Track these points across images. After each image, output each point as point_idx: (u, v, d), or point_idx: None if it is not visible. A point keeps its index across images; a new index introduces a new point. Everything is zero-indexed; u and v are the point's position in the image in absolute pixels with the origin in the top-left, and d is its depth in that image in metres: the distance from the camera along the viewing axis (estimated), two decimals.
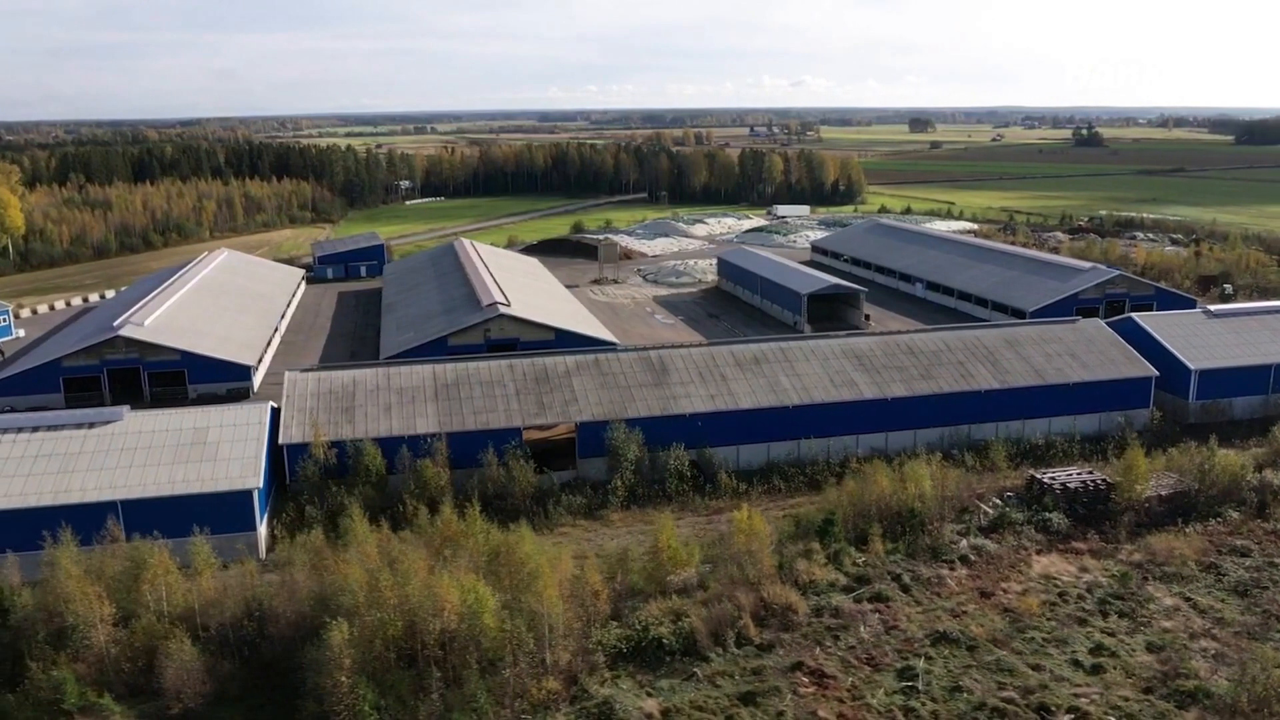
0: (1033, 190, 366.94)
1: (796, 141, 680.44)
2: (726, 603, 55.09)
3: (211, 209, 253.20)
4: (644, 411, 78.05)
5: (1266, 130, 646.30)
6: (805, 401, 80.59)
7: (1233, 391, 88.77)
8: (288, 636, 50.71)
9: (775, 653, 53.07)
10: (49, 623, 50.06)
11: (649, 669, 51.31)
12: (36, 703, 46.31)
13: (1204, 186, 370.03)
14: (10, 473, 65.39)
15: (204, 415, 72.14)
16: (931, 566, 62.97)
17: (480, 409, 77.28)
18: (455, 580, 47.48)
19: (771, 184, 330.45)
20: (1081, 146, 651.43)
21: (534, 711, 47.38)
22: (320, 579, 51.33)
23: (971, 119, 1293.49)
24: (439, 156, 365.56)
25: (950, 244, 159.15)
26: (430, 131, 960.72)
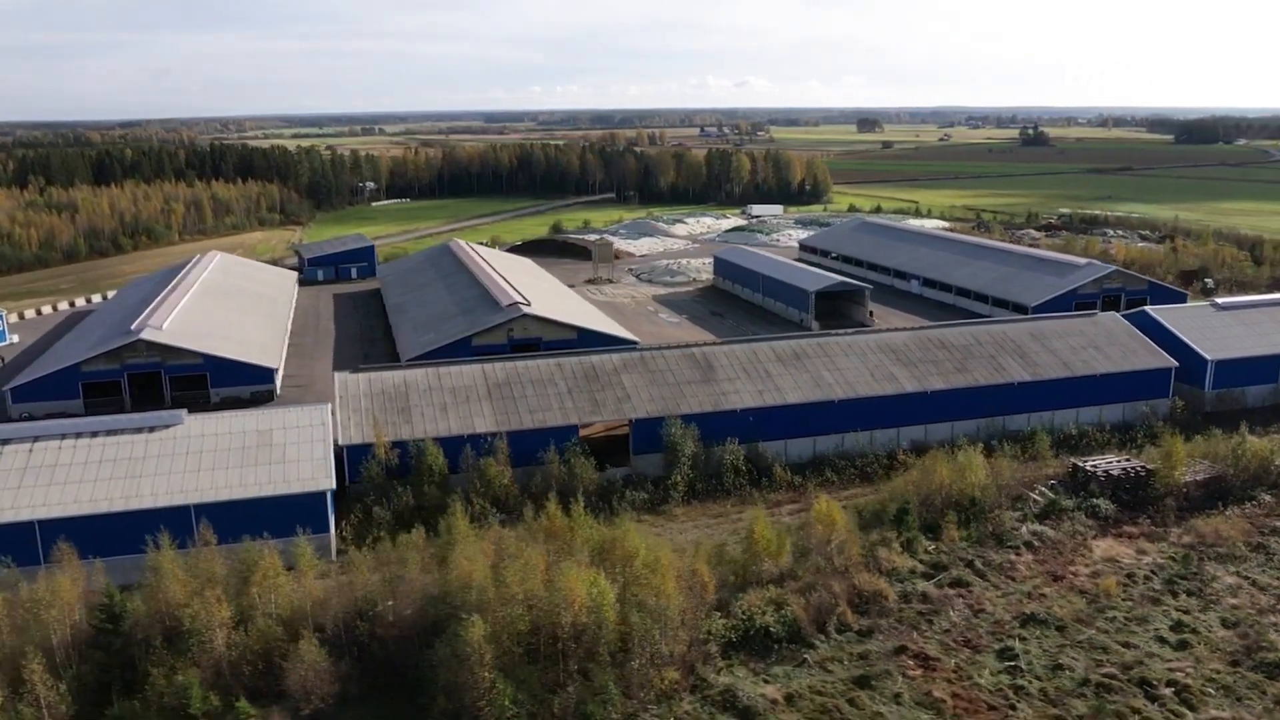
0: (990, 189, 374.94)
1: (749, 142, 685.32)
2: (823, 591, 56.47)
3: (180, 211, 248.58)
4: (696, 408, 79.15)
5: (1204, 130, 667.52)
6: (849, 396, 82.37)
7: (1245, 381, 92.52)
8: (399, 635, 50.95)
9: (875, 638, 54.63)
10: (161, 628, 49.68)
11: (759, 657, 52.52)
12: (161, 709, 45.99)
13: (1153, 184, 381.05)
14: (77, 478, 64.46)
15: (266, 417, 71.64)
16: (999, 552, 65.02)
17: (536, 408, 77.76)
18: (581, 574, 48.12)
19: (739, 184, 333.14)
20: (1029, 146, 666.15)
21: (659, 701, 48.30)
22: (430, 577, 51.55)
23: (916, 119, 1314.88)
24: (403, 158, 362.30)
25: (942, 241, 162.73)
26: (378, 133, 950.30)
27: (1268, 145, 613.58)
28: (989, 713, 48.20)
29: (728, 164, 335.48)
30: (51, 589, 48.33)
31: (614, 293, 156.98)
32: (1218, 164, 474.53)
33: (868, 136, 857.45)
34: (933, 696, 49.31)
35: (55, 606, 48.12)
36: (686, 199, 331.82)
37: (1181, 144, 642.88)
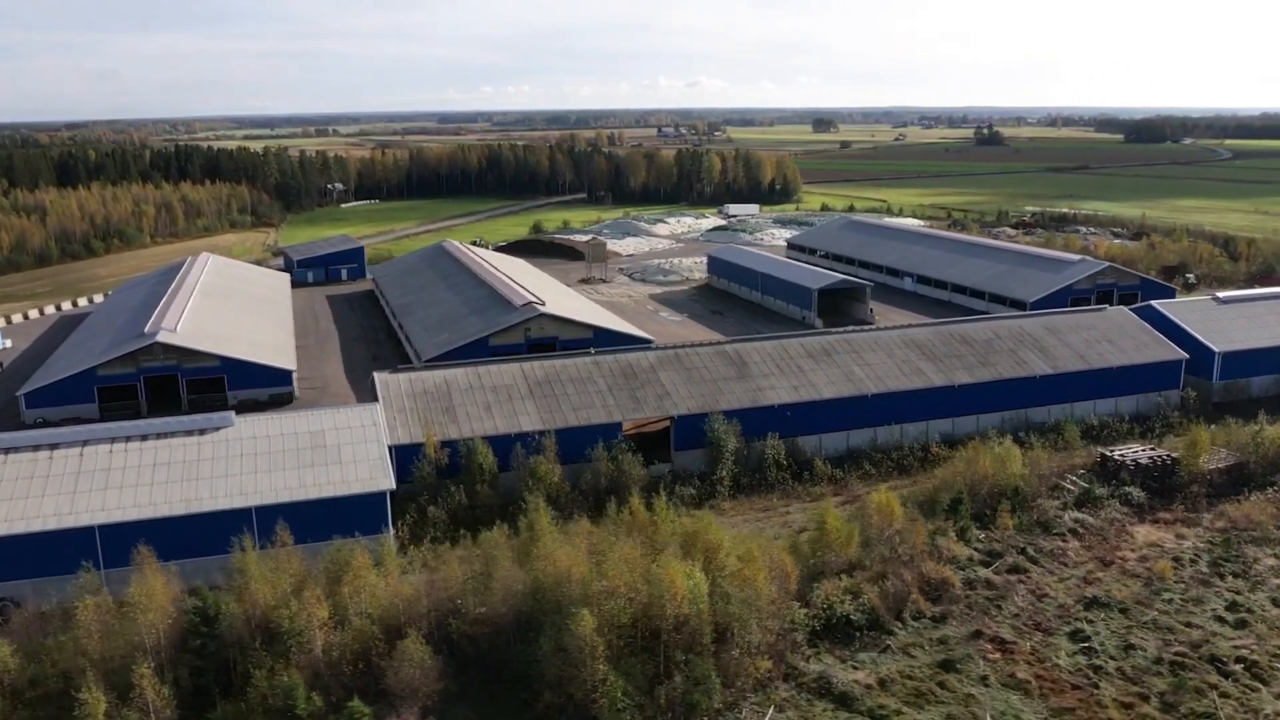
0: (953, 188, 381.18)
1: (707, 142, 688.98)
2: (894, 579, 57.86)
3: (151, 213, 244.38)
4: (735, 404, 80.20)
5: (1152, 129, 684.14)
6: (881, 390, 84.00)
7: (1250, 372, 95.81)
8: (488, 632, 51.31)
9: (950, 623, 56.11)
10: (254, 629, 49.57)
11: (842, 645, 53.74)
12: (266, 710, 45.94)
13: (1110, 183, 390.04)
14: (133, 482, 63.79)
15: (317, 418, 71.34)
16: (1047, 539, 66.93)
17: (579, 405, 78.31)
18: (678, 566, 48.92)
19: (710, 184, 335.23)
20: (984, 145, 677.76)
21: (755, 690, 49.29)
22: (517, 572, 51.96)
23: (869, 119, 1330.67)
24: (371, 159, 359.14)
25: (933, 239, 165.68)
26: (332, 133, 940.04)
27: (1213, 144, 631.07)
28: (1073, 692, 49.87)
29: (699, 164, 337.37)
30: (146, 592, 47.96)
31: (610, 292, 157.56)
32: (1169, 162, 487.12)
33: (824, 136, 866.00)
34: (1017, 678, 50.89)
35: (152, 610, 47.72)
36: (658, 199, 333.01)
37: (1131, 143, 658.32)
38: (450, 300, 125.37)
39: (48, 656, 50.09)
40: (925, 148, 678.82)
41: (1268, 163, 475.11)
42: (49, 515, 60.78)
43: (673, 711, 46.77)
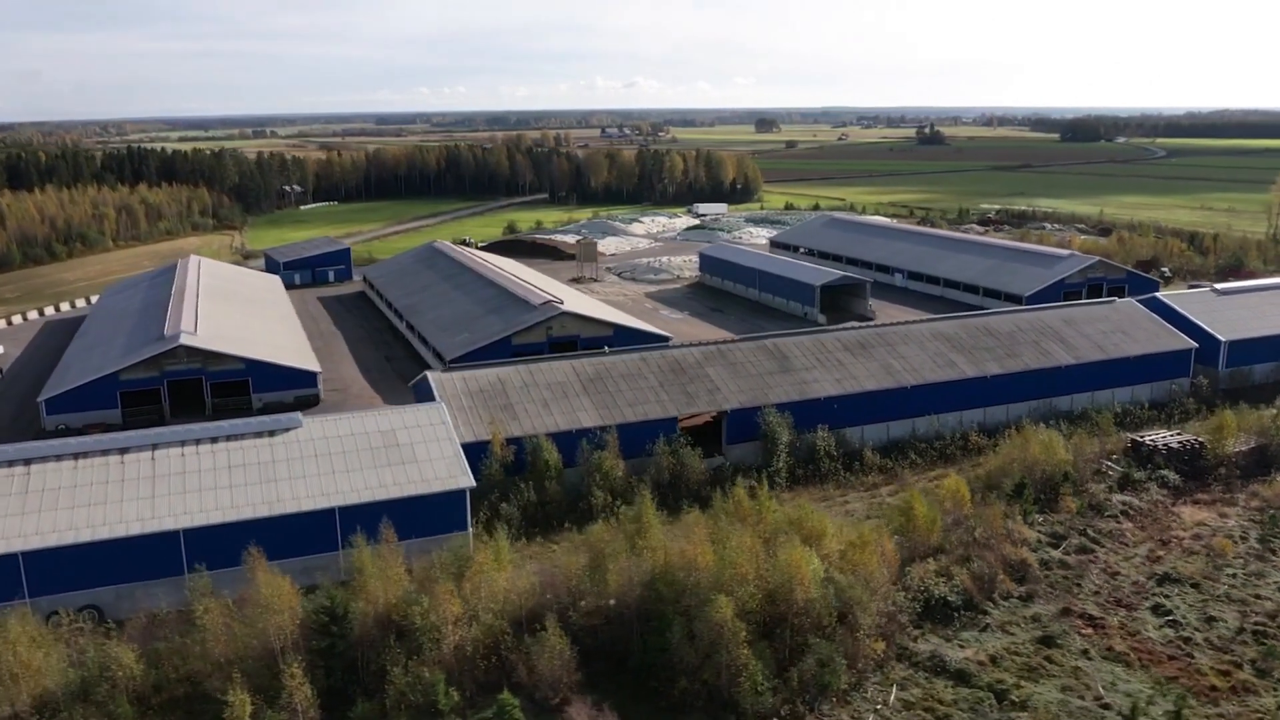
0: (906, 186, 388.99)
1: (653, 142, 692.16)
2: (979, 561, 59.97)
3: (112, 217, 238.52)
4: (783, 397, 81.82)
5: (1086, 128, 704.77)
6: (919, 382, 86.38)
7: (1252, 360, 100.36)
8: (606, 622, 52.07)
9: (1037, 602, 58.37)
10: (381, 626, 49.73)
11: (942, 624, 55.62)
12: (407, 707, 46.18)
13: (1056, 181, 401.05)
14: (211, 485, 63.15)
15: (384, 418, 71.16)
16: (1102, 521, 69.73)
17: (634, 401, 79.26)
18: (803, 553, 50.31)
19: (673, 183, 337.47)
20: (926, 144, 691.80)
21: (873, 670, 50.91)
22: (633, 562, 52.83)
23: (808, 119, 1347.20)
24: (328, 160, 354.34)
25: (919, 236, 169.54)
26: (270, 135, 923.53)
27: (1145, 142, 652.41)
28: (1170, 662, 52.39)
29: (660, 164, 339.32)
30: (277, 592, 47.88)
31: (604, 291, 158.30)
32: (1108, 160, 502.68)
33: (768, 136, 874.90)
34: (1115, 651, 53.27)
35: (282, 610, 47.65)
36: (620, 199, 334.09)
37: (1068, 142, 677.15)
38: (460, 300, 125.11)
39: (168, 661, 49.62)
40: (869, 147, 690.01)
41: (1200, 160, 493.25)
42: (131, 520, 59.93)
43: (805, 693, 48.12)
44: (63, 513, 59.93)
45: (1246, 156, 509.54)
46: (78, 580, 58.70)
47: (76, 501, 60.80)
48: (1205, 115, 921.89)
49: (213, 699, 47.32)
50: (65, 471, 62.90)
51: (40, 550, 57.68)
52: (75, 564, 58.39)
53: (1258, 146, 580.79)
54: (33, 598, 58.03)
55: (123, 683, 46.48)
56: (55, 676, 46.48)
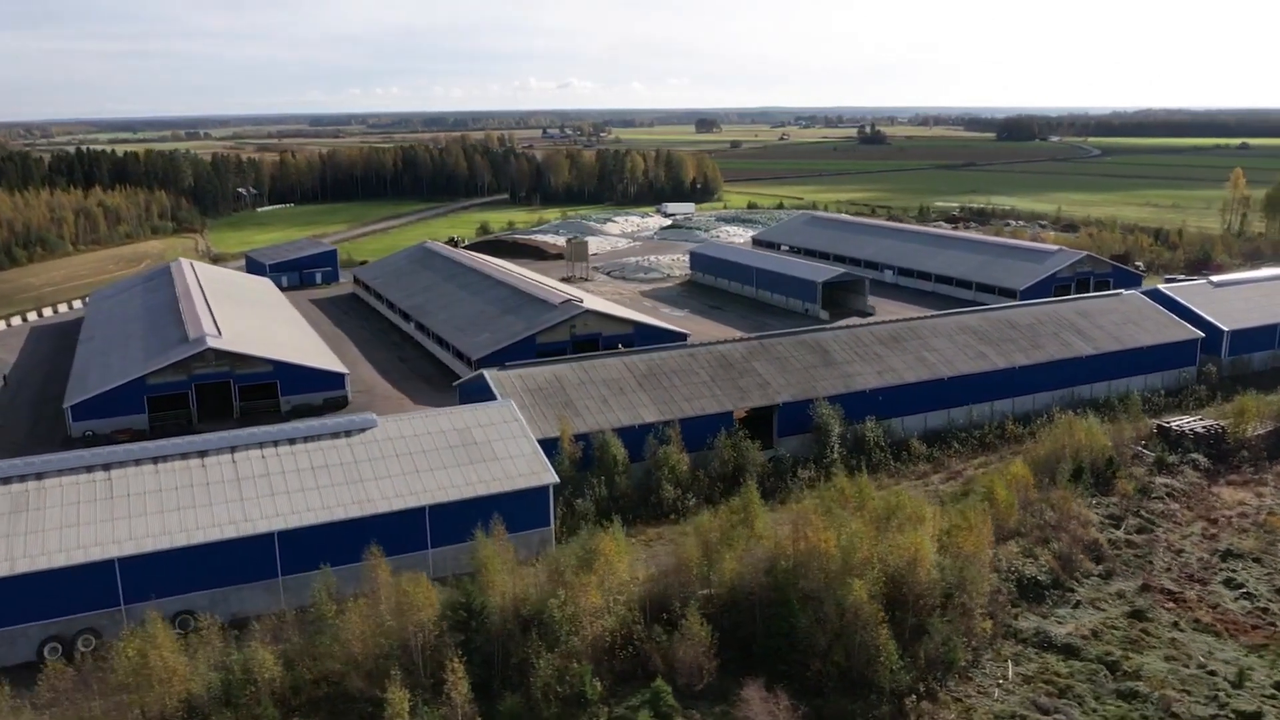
0: (857, 184, 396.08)
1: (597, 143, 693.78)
2: (1057, 542, 62.52)
3: (71, 220, 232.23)
4: (830, 390, 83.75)
5: (1021, 127, 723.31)
6: (954, 374, 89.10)
7: (1252, 348, 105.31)
8: (725, 607, 53.28)
9: (1116, 579, 61.08)
10: (516, 620, 50.31)
11: (1035, 602, 57.95)
12: (555, 698, 46.80)
13: (1003, 179, 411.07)
14: (297, 486, 62.88)
15: (455, 416, 71.34)
16: (1149, 502, 72.93)
17: (690, 396, 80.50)
18: (922, 537, 52.14)
19: (634, 183, 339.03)
20: (867, 144, 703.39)
21: (986, 647, 52.96)
22: (754, 550, 54.16)
23: (745, 119, 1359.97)
24: (282, 161, 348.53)
25: (905, 233, 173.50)
26: (203, 136, 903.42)
27: (1077, 141, 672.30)
28: (1255, 631, 55.41)
29: (621, 164, 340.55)
30: (420, 589, 48.16)
31: (599, 290, 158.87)
32: (1047, 159, 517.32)
33: (710, 136, 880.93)
34: (1202, 622, 56.14)
35: (425, 607, 47.97)
36: (581, 199, 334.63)
37: (1004, 141, 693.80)
38: (470, 300, 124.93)
39: (300, 661, 49.55)
40: (812, 147, 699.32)
41: (1134, 158, 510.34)
42: (224, 524, 59.44)
43: (932, 670, 49.95)
44: (152, 518, 59.19)
45: (1176, 155, 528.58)
46: (172, 586, 57.96)
47: (164, 506, 60.07)
48: (1131, 115, 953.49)
49: (354, 698, 47.59)
50: (147, 476, 62.09)
51: (135, 556, 56.97)
52: (169, 569, 57.70)
53: (1186, 145, 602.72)
54: (127, 604, 57.46)
55: (265, 685, 46.31)
56: (198, 680, 46.10)
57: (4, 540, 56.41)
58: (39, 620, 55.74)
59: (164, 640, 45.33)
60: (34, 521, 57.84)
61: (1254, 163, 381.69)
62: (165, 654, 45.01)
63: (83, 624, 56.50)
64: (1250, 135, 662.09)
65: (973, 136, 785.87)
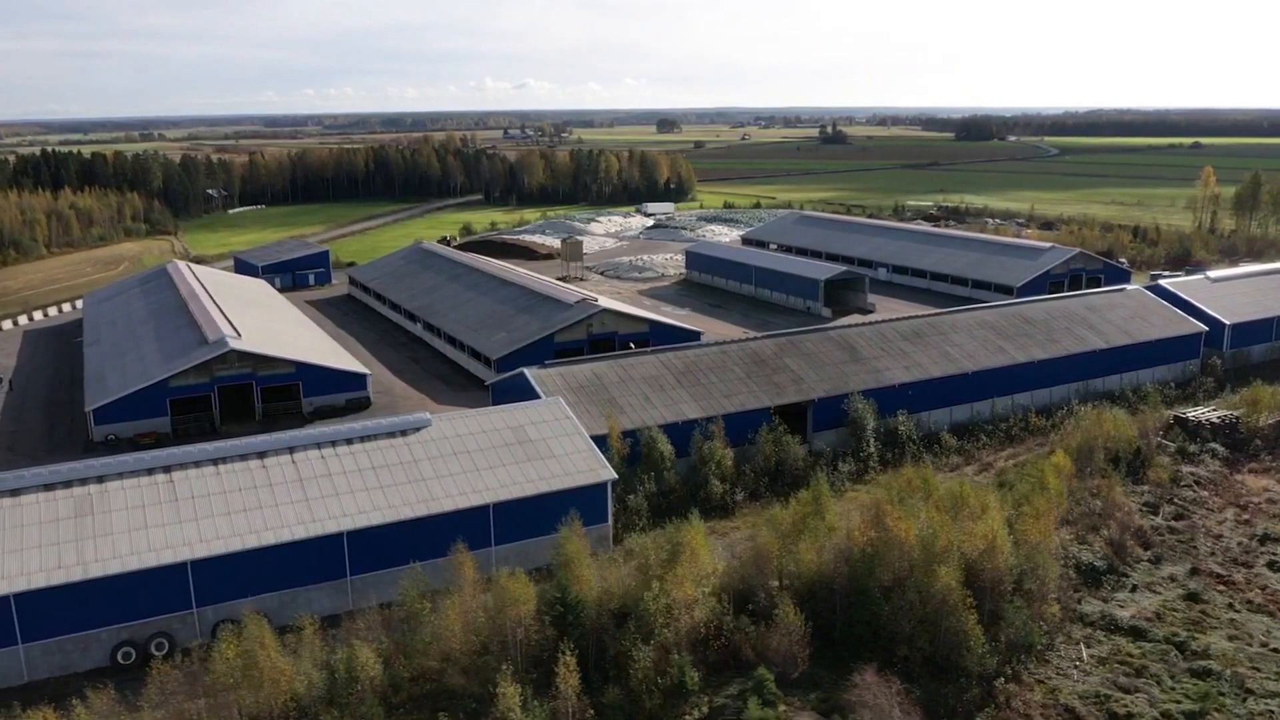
0: (827, 184, 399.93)
1: (560, 143, 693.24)
2: (1106, 529, 64.42)
3: (44, 223, 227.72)
4: (860, 385, 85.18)
5: (979, 127, 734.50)
6: (978, 368, 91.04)
7: (1251, 341, 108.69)
8: (805, 597, 54.29)
9: (1165, 564, 63.08)
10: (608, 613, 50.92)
11: (1093, 586, 59.74)
12: (656, 690, 47.43)
13: (968, 178, 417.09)
14: (360, 486, 62.85)
15: (508, 414, 71.61)
16: (1178, 489, 75.27)
17: (729, 392, 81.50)
18: (996, 524, 53.59)
19: (609, 183, 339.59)
20: (829, 144, 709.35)
21: (1057, 630, 54.57)
22: (836, 540, 55.31)
23: (704, 119, 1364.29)
24: (252, 162, 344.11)
25: (895, 231, 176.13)
26: (158, 138, 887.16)
27: (1033, 140, 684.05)
28: None
29: (595, 164, 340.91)
30: (518, 585, 48.58)
31: (597, 289, 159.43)
32: (1007, 159, 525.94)
33: (671, 136, 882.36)
34: (1255, 603, 58.25)
35: (525, 602, 48.41)
36: (555, 199, 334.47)
37: (962, 140, 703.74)
38: (480, 300, 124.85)
39: (395, 659, 49.71)
40: (774, 146, 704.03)
41: (1092, 157, 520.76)
42: (293, 525, 59.33)
43: (1013, 653, 51.41)
44: (220, 519, 58.92)
45: (1132, 154, 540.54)
46: (242, 588, 57.88)
47: (230, 508, 59.82)
48: (1083, 115, 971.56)
49: (455, 695, 47.91)
50: (209, 478, 61.76)
51: (206, 559, 56.69)
52: (240, 571, 57.56)
53: (1140, 144, 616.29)
54: (199, 607, 57.22)
55: (368, 684, 46.45)
56: (301, 680, 46.14)
57: (72, 544, 55.92)
58: (111, 625, 55.31)
59: (269, 640, 45.30)
60: (100, 525, 57.34)
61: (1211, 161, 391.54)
62: (272, 654, 44.98)
63: (155, 628, 56.15)
64: (1200, 134, 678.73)
65: (932, 136, 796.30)
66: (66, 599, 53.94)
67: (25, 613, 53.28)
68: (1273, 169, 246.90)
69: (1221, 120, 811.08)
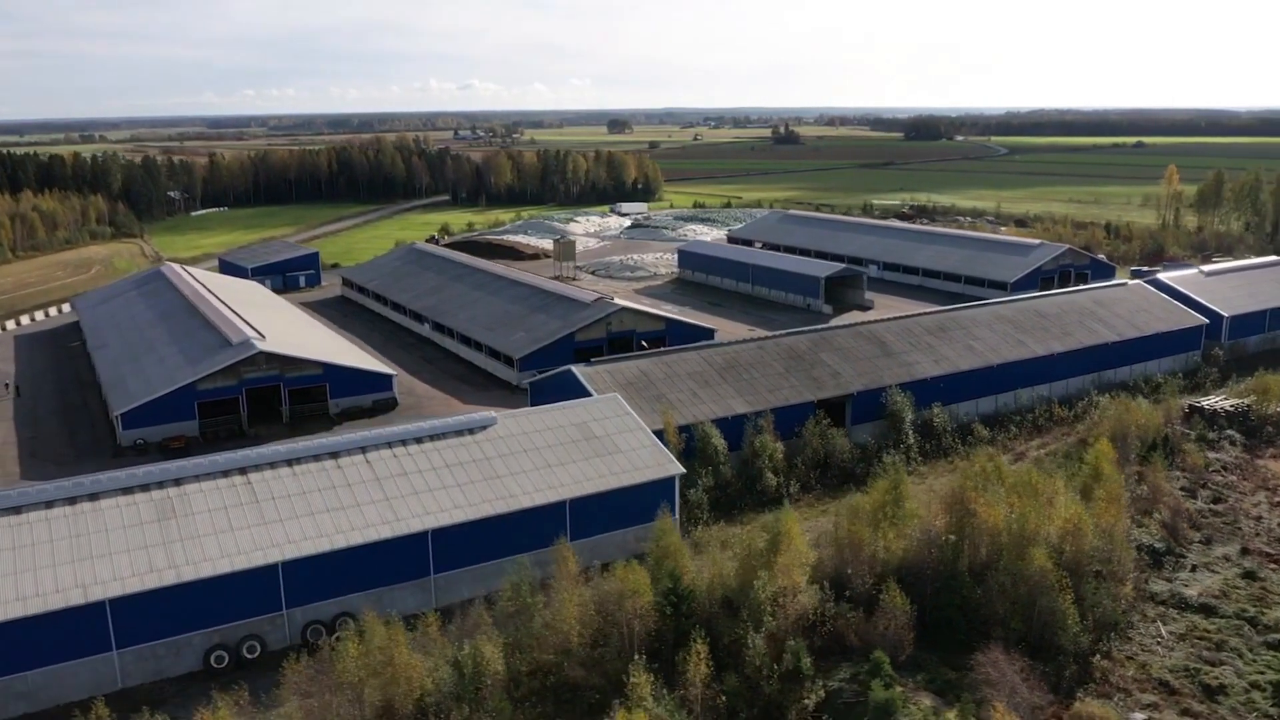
0: (788, 183, 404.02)
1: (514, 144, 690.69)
2: (1158, 512, 67.00)
3: (7, 225, 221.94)
4: (894, 379, 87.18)
5: (927, 127, 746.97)
6: (1002, 361, 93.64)
7: (1247, 332, 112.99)
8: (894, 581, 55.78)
9: (1217, 545, 65.79)
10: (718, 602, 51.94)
11: (1154, 567, 62.14)
12: (773, 675, 48.54)
13: (923, 177, 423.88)
14: (438, 484, 63.04)
15: (570, 411, 72.14)
16: (1210, 475, 78.35)
17: (773, 387, 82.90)
18: (1081, 508, 55.61)
19: (577, 184, 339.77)
20: (781, 144, 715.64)
21: (1132, 608, 56.80)
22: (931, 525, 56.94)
23: (653, 120, 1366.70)
24: (214, 163, 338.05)
25: (884, 229, 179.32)
26: (99, 139, 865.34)
27: (981, 140, 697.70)
28: None
29: (563, 165, 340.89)
30: (636, 575, 49.33)
31: (593, 289, 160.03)
32: (960, 158, 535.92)
33: (623, 137, 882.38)
34: None
35: (644, 594, 49.20)
36: (523, 200, 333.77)
37: (911, 140, 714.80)
38: (490, 301, 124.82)
39: (512, 653, 50.08)
40: (728, 147, 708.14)
41: (1041, 156, 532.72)
42: (378, 524, 59.41)
43: (1100, 631, 53.47)
44: (304, 520, 58.83)
45: (1079, 153, 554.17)
46: (330, 588, 57.91)
47: (313, 508, 59.73)
48: (1025, 115, 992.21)
49: (577, 687, 48.53)
50: (286, 479, 61.58)
51: (296, 560, 56.60)
52: (328, 572, 57.56)
53: (1085, 143, 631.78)
54: (289, 609, 57.09)
55: (495, 679, 46.85)
56: (430, 677, 46.43)
57: (160, 548, 55.48)
58: (203, 628, 55.00)
59: (402, 638, 45.57)
60: (185, 528, 56.93)
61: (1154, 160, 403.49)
62: (404, 651, 45.25)
63: (246, 630, 55.96)
64: (1140, 134, 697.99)
65: (881, 136, 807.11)
66: (159, 603, 53.54)
67: (119, 618, 52.82)
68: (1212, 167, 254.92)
69: (1160, 120, 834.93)
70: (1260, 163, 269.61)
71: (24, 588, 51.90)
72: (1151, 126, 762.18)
